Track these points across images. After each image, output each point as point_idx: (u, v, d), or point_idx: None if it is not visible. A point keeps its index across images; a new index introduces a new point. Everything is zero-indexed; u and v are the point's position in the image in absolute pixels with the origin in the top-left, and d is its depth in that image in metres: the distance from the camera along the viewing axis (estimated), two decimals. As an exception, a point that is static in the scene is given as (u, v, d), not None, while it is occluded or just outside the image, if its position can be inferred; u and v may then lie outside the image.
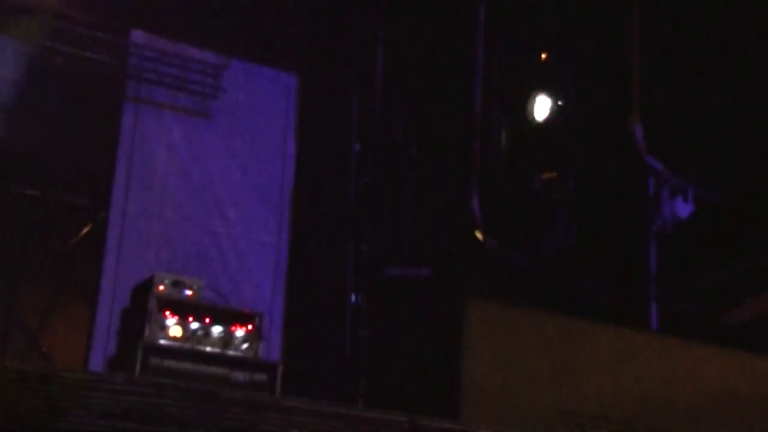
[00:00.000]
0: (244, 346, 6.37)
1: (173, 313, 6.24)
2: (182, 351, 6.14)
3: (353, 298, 9.75)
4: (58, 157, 9.02)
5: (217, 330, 6.32)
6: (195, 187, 9.62)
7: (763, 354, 6.41)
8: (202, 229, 9.54)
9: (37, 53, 8.84)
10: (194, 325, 6.27)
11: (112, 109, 9.34)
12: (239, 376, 6.24)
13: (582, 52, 8.78)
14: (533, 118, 8.76)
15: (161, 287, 6.34)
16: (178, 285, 6.40)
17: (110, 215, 9.17)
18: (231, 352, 6.31)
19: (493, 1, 9.20)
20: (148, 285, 6.40)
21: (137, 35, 9.48)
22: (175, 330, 6.19)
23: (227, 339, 6.33)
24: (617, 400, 2.43)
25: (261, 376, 6.30)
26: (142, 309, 6.26)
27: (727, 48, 7.66)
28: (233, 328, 6.39)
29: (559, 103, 8.65)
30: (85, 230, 9.38)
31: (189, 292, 6.44)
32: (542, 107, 8.72)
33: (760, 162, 7.53)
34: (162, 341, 6.14)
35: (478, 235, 8.86)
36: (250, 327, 6.45)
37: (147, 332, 6.09)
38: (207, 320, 6.32)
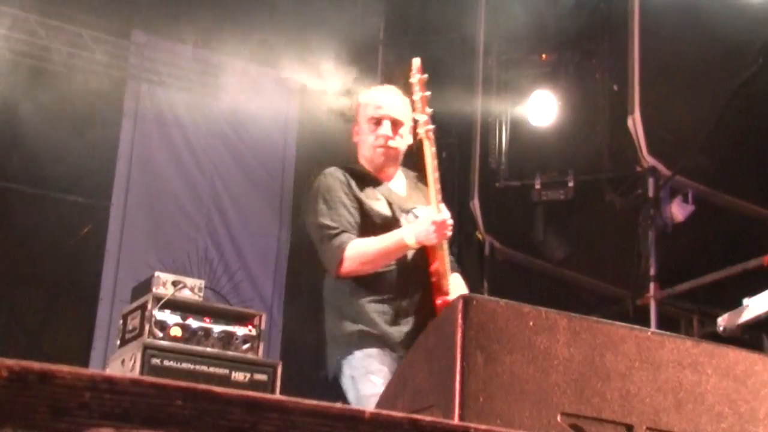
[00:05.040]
0: (245, 346, 6.38)
1: (173, 313, 6.25)
2: (182, 351, 6.14)
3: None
4: (58, 157, 9.02)
5: (217, 330, 6.33)
6: (195, 187, 9.62)
7: (763, 354, 6.40)
8: (202, 229, 9.55)
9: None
10: (194, 325, 6.27)
11: (112, 109, 9.34)
12: (239, 376, 6.24)
13: (582, 52, 8.77)
14: (533, 118, 8.75)
15: (161, 287, 6.34)
16: (178, 285, 6.41)
17: (110, 215, 9.18)
18: (231, 352, 6.31)
19: (494, 1, 9.19)
20: (148, 285, 6.40)
21: (138, 35, 9.48)
22: (175, 330, 6.19)
23: (227, 339, 6.34)
24: (618, 400, 2.41)
25: (261, 376, 6.31)
26: (142, 309, 6.26)
27: (727, 47, 7.66)
28: (233, 328, 6.39)
29: (559, 103, 8.63)
30: (85, 230, 9.37)
31: (189, 292, 6.45)
32: (542, 107, 8.70)
33: (760, 162, 7.52)
34: (162, 341, 6.14)
35: (478, 235, 8.85)
36: (250, 327, 6.45)
37: (147, 332, 6.09)
38: (207, 320, 6.33)
